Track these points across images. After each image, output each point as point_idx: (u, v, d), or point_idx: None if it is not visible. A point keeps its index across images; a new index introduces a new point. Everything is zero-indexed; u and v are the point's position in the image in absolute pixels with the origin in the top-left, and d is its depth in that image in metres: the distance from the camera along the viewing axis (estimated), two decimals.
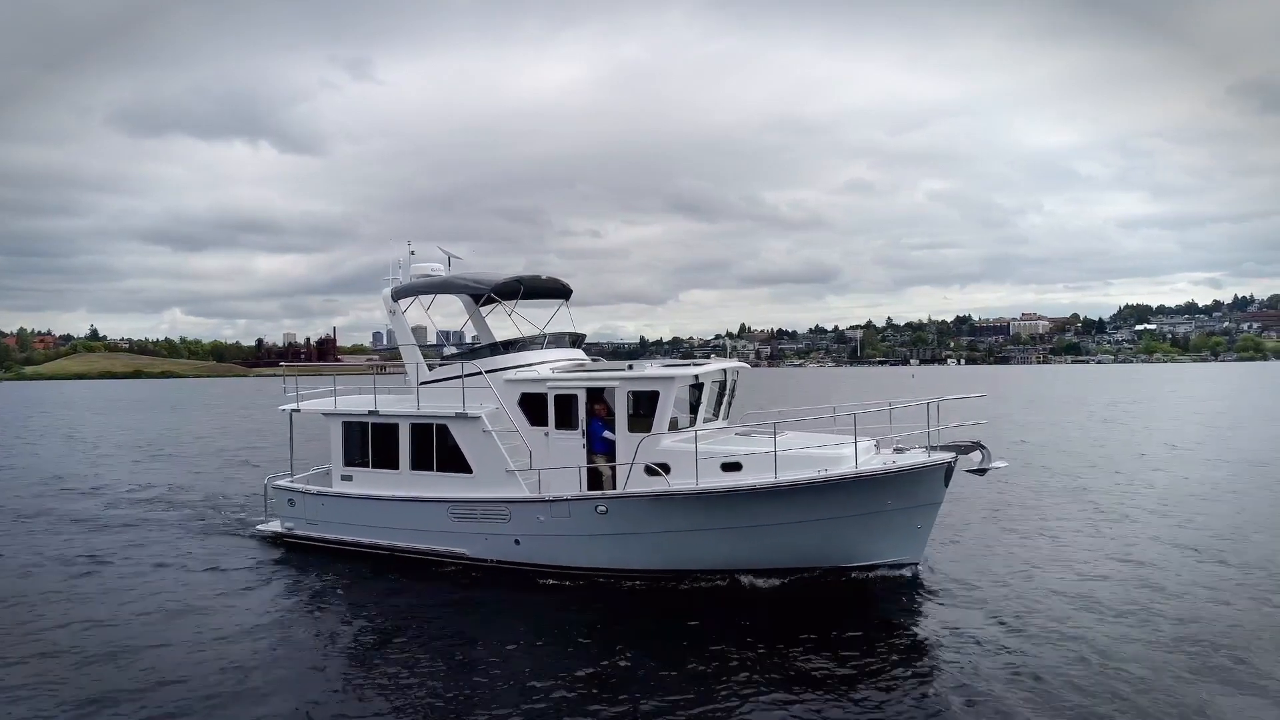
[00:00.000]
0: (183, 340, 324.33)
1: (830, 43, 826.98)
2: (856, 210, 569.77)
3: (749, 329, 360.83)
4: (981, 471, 14.95)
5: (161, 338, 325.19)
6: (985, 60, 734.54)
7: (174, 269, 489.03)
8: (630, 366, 17.25)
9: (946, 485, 14.99)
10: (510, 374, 17.33)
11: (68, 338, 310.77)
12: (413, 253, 20.09)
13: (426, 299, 19.50)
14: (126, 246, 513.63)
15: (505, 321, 19.88)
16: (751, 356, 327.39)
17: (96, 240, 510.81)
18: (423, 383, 18.32)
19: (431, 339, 22.38)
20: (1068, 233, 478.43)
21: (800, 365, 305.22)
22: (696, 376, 16.43)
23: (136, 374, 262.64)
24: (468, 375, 17.30)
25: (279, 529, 19.35)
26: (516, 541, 16.34)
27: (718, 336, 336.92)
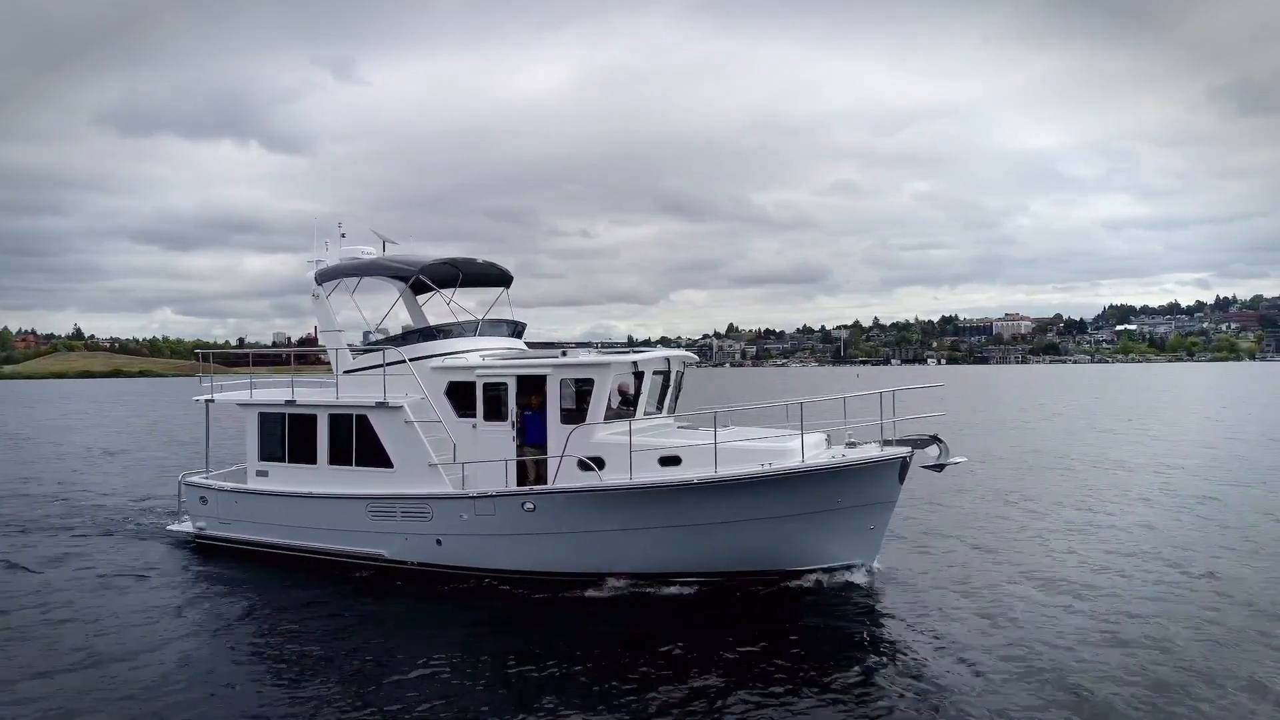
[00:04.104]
0: (164, 340, 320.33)
1: (816, 44, 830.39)
2: (844, 211, 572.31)
3: (737, 328, 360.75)
4: (939, 467, 13.96)
5: (150, 337, 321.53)
6: (970, 62, 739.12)
7: (163, 268, 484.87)
8: (564, 353, 16.03)
9: (902, 482, 13.86)
10: (437, 361, 16.09)
11: (51, 337, 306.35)
12: (344, 235, 18.78)
13: (353, 283, 18.14)
14: (115, 246, 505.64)
15: (447, 314, 18.60)
16: (736, 356, 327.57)
17: (85, 240, 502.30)
18: (346, 371, 17.06)
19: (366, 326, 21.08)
20: (1054, 234, 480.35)
21: (784, 365, 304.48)
22: (635, 364, 15.30)
23: (115, 373, 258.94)
24: (391, 363, 16.02)
25: (191, 529, 17.99)
26: (438, 541, 15.09)
27: (705, 336, 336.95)
